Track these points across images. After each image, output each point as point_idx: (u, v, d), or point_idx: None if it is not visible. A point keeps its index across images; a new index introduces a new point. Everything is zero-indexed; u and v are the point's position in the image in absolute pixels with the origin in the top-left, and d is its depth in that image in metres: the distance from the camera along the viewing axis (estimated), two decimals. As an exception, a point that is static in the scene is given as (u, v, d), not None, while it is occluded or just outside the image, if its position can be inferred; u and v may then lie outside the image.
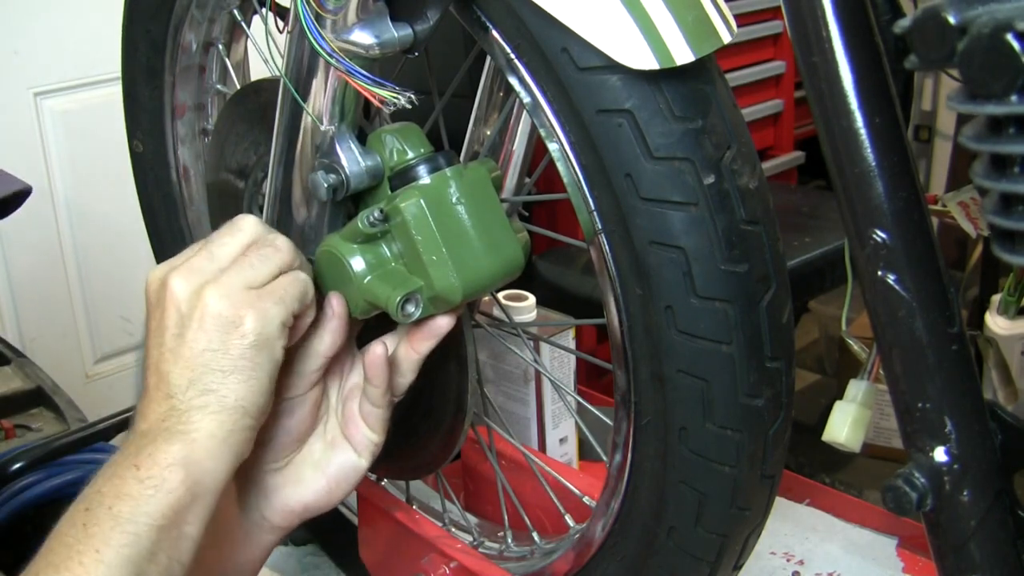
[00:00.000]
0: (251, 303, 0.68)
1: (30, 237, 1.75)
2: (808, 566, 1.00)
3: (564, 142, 0.69)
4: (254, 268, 0.69)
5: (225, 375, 0.67)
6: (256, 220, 0.73)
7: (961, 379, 0.60)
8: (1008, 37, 0.45)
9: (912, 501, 0.59)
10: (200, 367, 0.67)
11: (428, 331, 0.75)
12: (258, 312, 0.68)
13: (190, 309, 0.68)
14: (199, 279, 0.68)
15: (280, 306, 0.69)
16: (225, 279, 0.68)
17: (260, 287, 0.69)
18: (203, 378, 0.67)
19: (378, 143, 0.75)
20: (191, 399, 0.66)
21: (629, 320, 0.70)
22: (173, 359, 0.67)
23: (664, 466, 0.73)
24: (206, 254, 0.70)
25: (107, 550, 0.60)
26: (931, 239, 0.59)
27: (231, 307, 0.67)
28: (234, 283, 0.68)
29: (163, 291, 0.69)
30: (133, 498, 0.63)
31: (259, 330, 0.67)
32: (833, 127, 0.58)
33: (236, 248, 0.70)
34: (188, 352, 0.67)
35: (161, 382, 0.68)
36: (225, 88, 1.12)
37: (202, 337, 0.67)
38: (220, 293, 0.68)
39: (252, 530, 0.77)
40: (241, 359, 0.67)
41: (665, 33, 0.63)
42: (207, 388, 0.66)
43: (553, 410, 1.17)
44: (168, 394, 0.67)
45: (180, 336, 0.68)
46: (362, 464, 0.78)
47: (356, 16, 0.69)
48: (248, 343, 0.67)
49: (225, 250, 0.70)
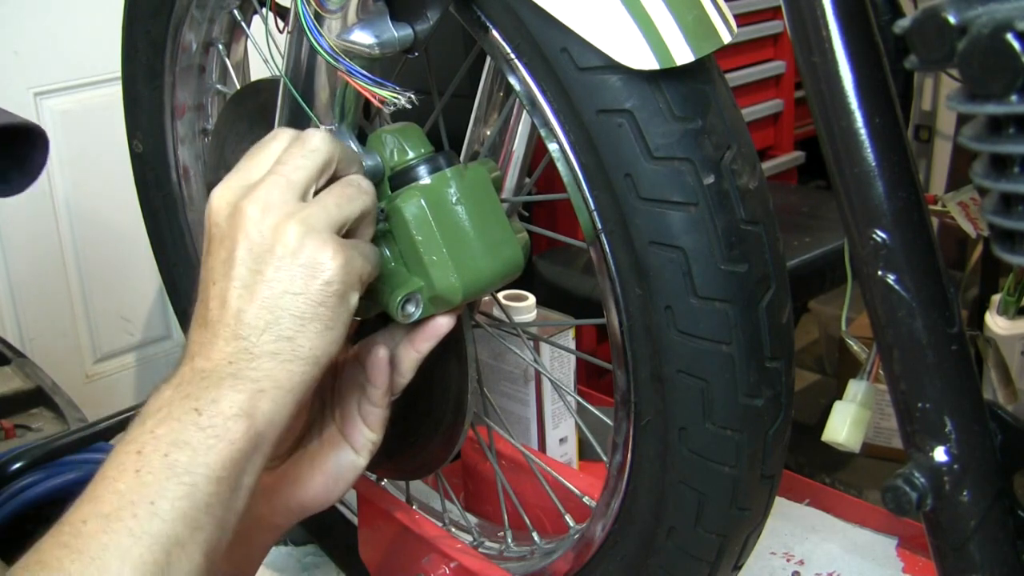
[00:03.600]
0: (338, 248, 0.63)
1: (30, 237, 1.74)
2: (808, 566, 1.00)
3: (564, 142, 0.69)
4: (340, 209, 0.65)
5: (304, 322, 0.63)
6: (326, 137, 0.67)
7: (961, 379, 0.60)
8: (1008, 37, 0.45)
9: (912, 501, 0.59)
10: (279, 310, 0.62)
11: (428, 331, 0.75)
12: (345, 259, 0.64)
13: (270, 244, 0.63)
14: (279, 210, 0.63)
15: (362, 259, 0.66)
16: (309, 217, 0.64)
17: (342, 230, 0.65)
18: (280, 322, 0.62)
19: (378, 143, 0.75)
20: (265, 343, 0.62)
21: (629, 320, 0.70)
22: (248, 296, 0.63)
23: (664, 466, 0.73)
24: (280, 179, 0.65)
25: (162, 502, 0.57)
26: (931, 239, 0.59)
27: (315, 248, 0.63)
28: (319, 222, 0.64)
29: (237, 218, 0.64)
30: (192, 447, 0.58)
31: (343, 278, 0.63)
32: (833, 127, 0.58)
33: (312, 172, 0.65)
34: (267, 292, 0.63)
35: (229, 318, 0.63)
36: (225, 88, 1.12)
37: (283, 277, 0.63)
38: (304, 231, 0.63)
39: (250, 529, 0.77)
40: (322, 306, 0.63)
41: (665, 33, 0.63)
42: (283, 334, 0.62)
43: (553, 410, 1.17)
44: (238, 334, 0.62)
45: (258, 272, 0.63)
46: (360, 463, 0.78)
47: (356, 16, 0.69)
48: (332, 291, 0.63)
49: (299, 174, 0.65)
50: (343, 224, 0.66)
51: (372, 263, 0.68)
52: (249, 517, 0.76)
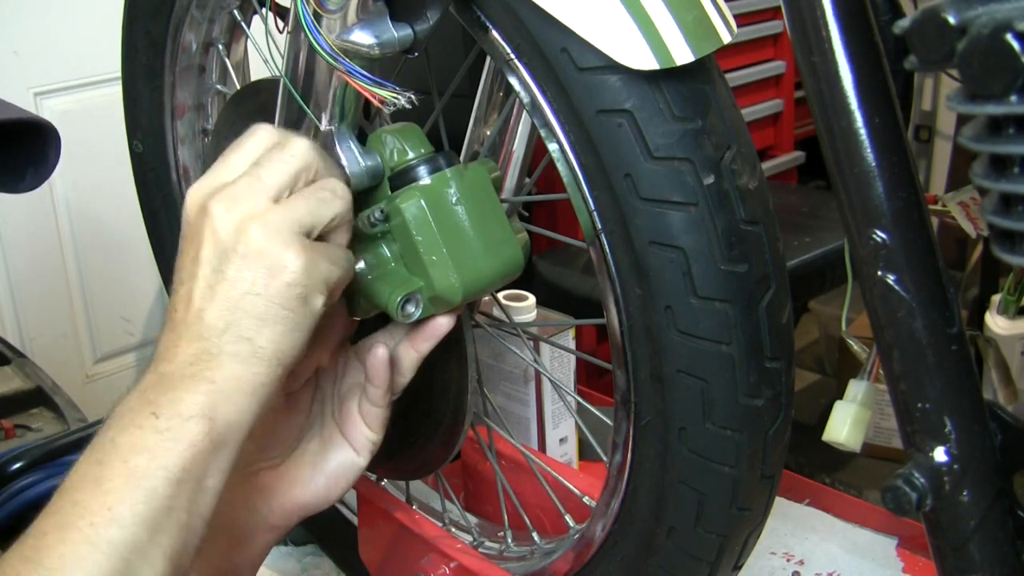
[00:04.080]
0: (301, 249, 0.63)
1: (30, 237, 1.74)
2: (808, 566, 1.00)
3: (564, 142, 0.69)
4: (310, 213, 0.64)
5: (264, 323, 0.62)
6: (309, 145, 0.67)
7: (961, 379, 0.60)
8: (1008, 37, 0.45)
9: (912, 501, 0.59)
10: (239, 310, 0.62)
11: (428, 331, 0.75)
12: (308, 260, 0.63)
13: (233, 243, 0.62)
14: (245, 210, 0.63)
15: (328, 263, 0.65)
16: (275, 216, 0.63)
17: (310, 234, 0.64)
18: (240, 323, 0.62)
19: (378, 143, 0.75)
20: (225, 344, 0.61)
21: (629, 320, 0.70)
22: (210, 296, 0.62)
23: (664, 466, 0.73)
24: (254, 180, 0.64)
25: (121, 507, 0.56)
26: (931, 239, 0.59)
27: (279, 249, 0.62)
28: (284, 223, 0.63)
29: (203, 217, 0.63)
30: (150, 451, 0.58)
31: (306, 281, 0.62)
32: (833, 127, 0.58)
33: (287, 177, 0.65)
34: (228, 291, 0.62)
35: (192, 318, 0.62)
36: (225, 88, 1.12)
37: (245, 277, 0.62)
38: (268, 231, 0.62)
39: (249, 529, 0.77)
40: (284, 308, 0.62)
41: (665, 33, 0.63)
42: (243, 335, 0.62)
43: (553, 410, 1.17)
44: (200, 335, 0.62)
45: (219, 272, 0.62)
46: (360, 462, 0.78)
47: (356, 16, 0.69)
48: (295, 293, 0.62)
49: (275, 178, 0.64)
50: (312, 228, 0.64)
51: (341, 268, 0.66)
52: (248, 518, 0.77)
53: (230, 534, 0.76)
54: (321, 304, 0.65)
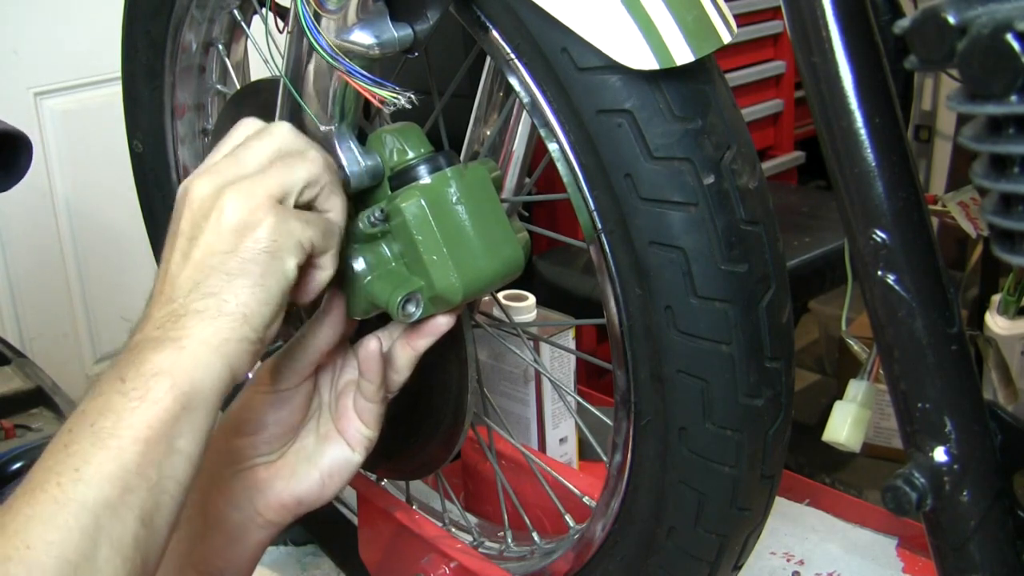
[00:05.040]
0: (270, 209, 0.64)
1: (30, 237, 1.75)
2: (808, 566, 1.00)
3: (564, 142, 0.69)
4: (281, 179, 0.65)
5: (231, 278, 0.63)
6: (290, 128, 0.69)
7: (961, 379, 0.60)
8: (1008, 37, 0.45)
9: (912, 501, 0.59)
10: (206, 268, 0.63)
11: (427, 329, 0.75)
12: (277, 220, 0.64)
13: (207, 211, 0.64)
14: (219, 181, 0.65)
15: (300, 223, 0.65)
16: (247, 184, 0.64)
17: (284, 199, 0.65)
18: (207, 280, 0.63)
19: (378, 143, 0.75)
20: (191, 302, 0.62)
21: (629, 320, 0.70)
22: (183, 262, 0.64)
23: (664, 466, 0.73)
24: (232, 159, 0.66)
25: (87, 468, 0.56)
26: (931, 239, 0.59)
27: (249, 211, 0.63)
28: (257, 189, 0.64)
29: (186, 196, 0.65)
30: (116, 412, 0.58)
31: (274, 237, 0.63)
32: (833, 127, 0.58)
33: (265, 155, 0.66)
34: (198, 254, 0.63)
35: (166, 286, 0.64)
36: (225, 88, 1.12)
37: (214, 240, 0.63)
38: (240, 196, 0.64)
39: (245, 525, 0.77)
40: (251, 263, 0.63)
41: (665, 33, 0.63)
42: (209, 291, 0.62)
43: (553, 410, 1.17)
44: (170, 298, 0.63)
45: (193, 239, 0.64)
46: (356, 458, 0.78)
47: (356, 16, 0.69)
48: (261, 247, 0.63)
49: (252, 155, 0.66)
50: (286, 193, 0.65)
51: (316, 229, 0.66)
52: (243, 514, 0.77)
53: (224, 530, 0.76)
54: (294, 265, 0.65)
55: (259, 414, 0.76)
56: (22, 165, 1.02)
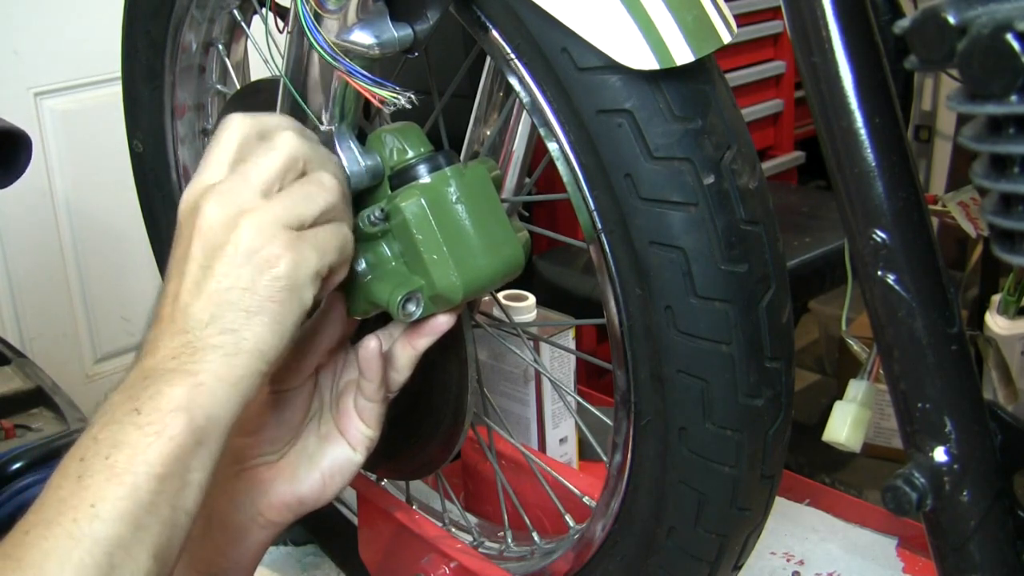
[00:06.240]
0: (289, 244, 0.63)
1: (30, 237, 1.74)
2: (808, 566, 1.00)
3: (564, 142, 0.69)
4: (296, 207, 0.64)
5: (250, 316, 0.62)
6: (295, 136, 0.67)
7: (961, 379, 0.60)
8: (1008, 37, 0.45)
9: (912, 501, 0.59)
10: (224, 304, 0.62)
11: (427, 328, 0.75)
12: (295, 254, 0.63)
13: (222, 240, 0.63)
14: (234, 207, 0.63)
15: (317, 253, 0.65)
16: (263, 213, 0.63)
17: (300, 228, 0.64)
18: (225, 315, 0.62)
19: (378, 143, 0.75)
20: (208, 337, 0.61)
21: (629, 320, 0.70)
22: (196, 291, 0.63)
23: (664, 466, 0.73)
24: (240, 179, 0.65)
25: (103, 504, 0.56)
26: (931, 239, 0.59)
27: (266, 244, 0.63)
28: (273, 218, 0.63)
29: (195, 216, 0.64)
30: (131, 446, 0.58)
31: (292, 273, 0.63)
32: (833, 127, 0.58)
33: (275, 171, 0.65)
34: (213, 286, 0.62)
35: (178, 314, 0.63)
36: (225, 88, 1.12)
37: (231, 272, 0.62)
38: (256, 227, 0.63)
39: (246, 525, 0.77)
40: (269, 300, 0.62)
41: (665, 33, 0.63)
42: (227, 327, 0.62)
43: (553, 410, 1.17)
44: (184, 328, 0.62)
45: (207, 268, 0.63)
46: (357, 458, 0.78)
47: (356, 16, 0.69)
48: (280, 285, 0.63)
49: (262, 173, 0.65)
50: (301, 222, 0.65)
51: (333, 256, 0.66)
52: (244, 514, 0.77)
53: (226, 530, 0.76)
54: (311, 296, 0.65)
55: (260, 414, 0.76)
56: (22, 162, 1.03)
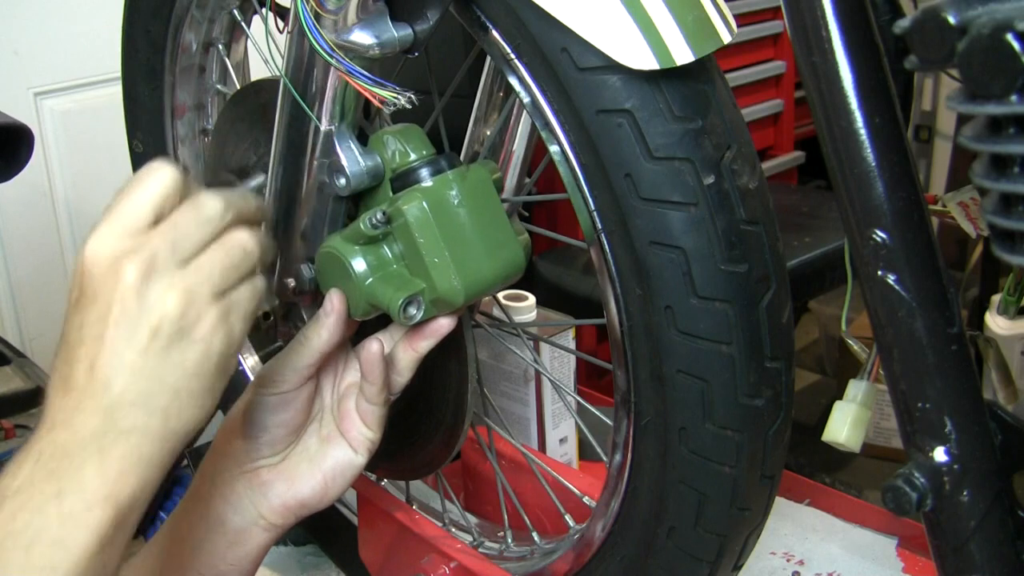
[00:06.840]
0: (219, 319, 0.60)
1: (30, 237, 1.74)
2: (808, 566, 1.00)
3: (564, 142, 0.69)
4: (225, 276, 0.61)
5: (177, 395, 0.59)
6: (218, 202, 0.63)
7: (961, 379, 0.60)
8: (1008, 37, 0.45)
9: (912, 501, 0.59)
10: (152, 381, 0.58)
11: (428, 331, 0.75)
12: (226, 330, 0.61)
13: (147, 311, 0.58)
14: (160, 277, 0.59)
15: (244, 322, 0.63)
16: (192, 285, 0.60)
17: (225, 295, 0.62)
18: (152, 396, 0.58)
19: (380, 145, 0.75)
20: (133, 417, 0.58)
21: (629, 320, 0.70)
22: (118, 365, 0.58)
23: (664, 466, 0.73)
24: (167, 244, 0.60)
25: None
26: (931, 239, 0.59)
27: (196, 320, 0.59)
28: (201, 290, 0.60)
29: (114, 278, 0.58)
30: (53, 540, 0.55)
31: (224, 351, 0.61)
32: (833, 127, 0.58)
33: (202, 243, 0.61)
34: (139, 363, 0.58)
35: (97, 386, 0.58)
36: (225, 88, 1.12)
37: (157, 348, 0.58)
38: (186, 301, 0.59)
39: (247, 528, 0.77)
40: (196, 377, 0.59)
41: (665, 33, 0.63)
42: (154, 408, 0.58)
43: (553, 410, 1.17)
44: (105, 406, 0.58)
45: (129, 340, 0.58)
46: (358, 461, 0.78)
47: (356, 16, 0.69)
48: (212, 364, 0.60)
49: (190, 242, 0.61)
50: (226, 290, 0.62)
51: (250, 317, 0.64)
52: (246, 516, 0.77)
53: (226, 533, 0.76)
54: (235, 364, 0.63)
55: (261, 416, 0.76)
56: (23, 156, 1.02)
